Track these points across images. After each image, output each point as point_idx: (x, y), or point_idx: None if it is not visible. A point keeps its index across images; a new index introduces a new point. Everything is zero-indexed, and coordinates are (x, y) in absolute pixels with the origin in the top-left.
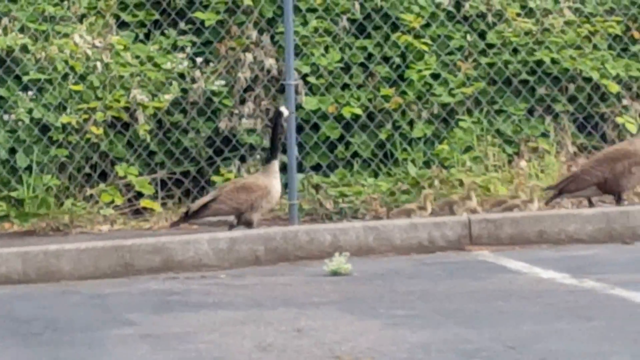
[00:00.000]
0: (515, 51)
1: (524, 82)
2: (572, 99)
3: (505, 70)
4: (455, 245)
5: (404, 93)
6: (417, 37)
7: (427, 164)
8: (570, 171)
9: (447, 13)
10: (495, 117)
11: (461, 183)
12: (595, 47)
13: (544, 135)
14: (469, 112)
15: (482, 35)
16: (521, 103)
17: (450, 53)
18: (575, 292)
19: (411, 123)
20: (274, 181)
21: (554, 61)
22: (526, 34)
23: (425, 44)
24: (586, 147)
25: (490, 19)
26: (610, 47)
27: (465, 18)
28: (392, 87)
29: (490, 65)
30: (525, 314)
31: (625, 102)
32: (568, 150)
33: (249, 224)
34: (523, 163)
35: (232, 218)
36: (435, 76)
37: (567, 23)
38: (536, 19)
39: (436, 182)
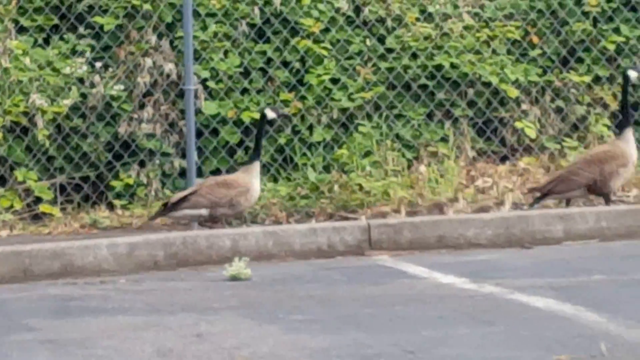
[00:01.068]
0: (414, 56)
1: (423, 86)
2: (471, 104)
3: (404, 75)
4: (355, 250)
5: (303, 98)
6: (316, 41)
7: (326, 169)
8: (555, 173)
9: (347, 18)
10: (395, 122)
11: (361, 188)
12: (494, 51)
13: (443, 139)
14: (369, 117)
15: (381, 39)
16: (420, 108)
17: (350, 58)
18: (474, 297)
19: (310, 128)
20: (254, 180)
21: (453, 66)
22: (425, 38)
23: (325, 48)
24: (485, 151)
25: (389, 23)
26: (509, 51)
27: (365, 23)
28: (292, 92)
29: (390, 69)
30: (425, 319)
31: (524, 106)
32: (467, 154)
33: (216, 220)
34: (422, 168)
35: (205, 212)
36: (335, 81)
37: (466, 28)
38: (435, 23)
39: (336, 187)
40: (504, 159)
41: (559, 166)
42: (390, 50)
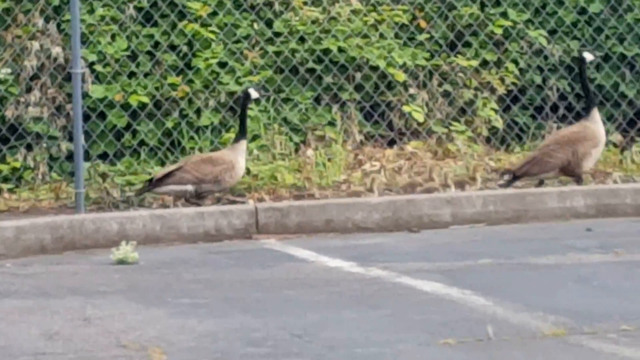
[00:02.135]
0: (302, 40)
1: (311, 70)
2: (358, 88)
3: (292, 59)
4: (243, 233)
5: (191, 81)
6: (204, 25)
7: None
8: (528, 155)
9: (234, 1)
10: (282, 106)
11: (248, 171)
12: (381, 35)
13: (331, 123)
14: (256, 101)
15: (269, 23)
16: (308, 91)
17: (237, 41)
18: (362, 280)
19: (198, 111)
20: (239, 158)
21: (340, 50)
22: (313, 22)
23: (212, 32)
24: (373, 135)
25: (277, 7)
26: (396, 35)
27: (252, 6)
28: (179, 76)
29: (277, 53)
30: (312, 303)
31: (411, 90)
32: (355, 139)
33: (201, 197)
34: (310, 152)
35: (190, 187)
36: (222, 64)
37: (354, 12)
38: (323, 7)
39: None
40: (391, 143)
41: (446, 150)
42: (277, 34)
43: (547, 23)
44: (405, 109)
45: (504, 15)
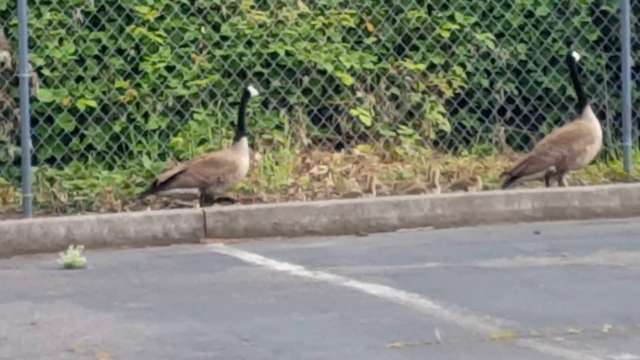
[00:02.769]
0: (249, 43)
1: (259, 74)
2: (306, 91)
3: (239, 63)
4: (191, 238)
5: (138, 85)
6: (151, 29)
7: (162, 157)
8: (524, 155)
9: (182, 5)
10: (230, 110)
11: None
12: (329, 39)
13: (279, 127)
14: (204, 105)
15: (216, 27)
16: (256, 96)
17: (185, 45)
18: (309, 284)
19: (146, 115)
20: (242, 157)
21: (288, 53)
22: (260, 26)
23: (160, 36)
24: (320, 139)
25: (224, 11)
26: (344, 39)
27: (200, 10)
28: (127, 80)
29: (225, 57)
30: (259, 307)
31: (359, 94)
32: (303, 142)
33: (209, 199)
34: (258, 155)
35: (196, 191)
36: (170, 68)
37: (301, 15)
38: (270, 11)
39: None
40: (339, 147)
41: (394, 153)
42: (225, 38)
43: (494, 26)
44: (353, 112)
45: (451, 18)
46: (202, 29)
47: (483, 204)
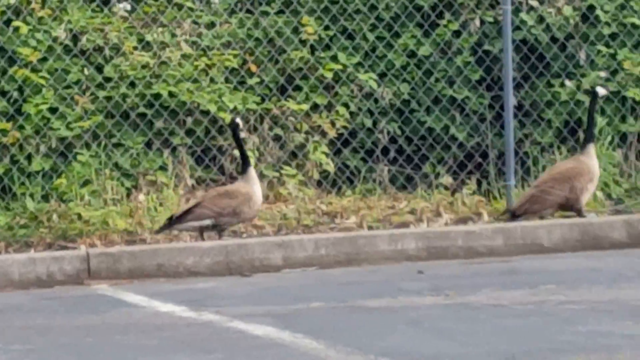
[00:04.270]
0: (132, 84)
1: (142, 115)
2: (190, 132)
3: (122, 104)
4: (75, 279)
5: (21, 127)
6: (34, 70)
7: (45, 198)
8: (526, 193)
9: (64, 47)
10: (114, 151)
11: (80, 217)
12: (212, 80)
13: (162, 168)
14: (87, 146)
15: (99, 68)
16: (139, 136)
17: (68, 87)
18: (194, 325)
19: (29, 157)
20: (254, 187)
21: (171, 94)
22: (143, 67)
23: (43, 77)
24: (204, 179)
25: (107, 52)
26: (227, 80)
27: (82, 52)
28: (10, 122)
29: (108, 98)
30: (144, 348)
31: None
32: (186, 183)
33: (221, 230)
34: (142, 196)
35: (211, 222)
36: (53, 110)
37: (184, 56)
38: (153, 52)
39: (55, 216)
40: None
41: (277, 194)
42: (108, 79)
43: (377, 66)
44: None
45: (334, 58)
46: (85, 70)
47: (367, 243)
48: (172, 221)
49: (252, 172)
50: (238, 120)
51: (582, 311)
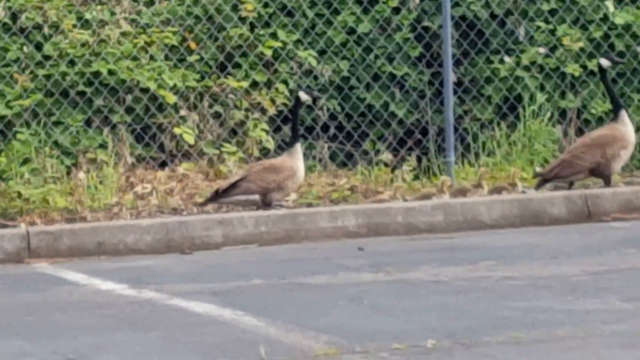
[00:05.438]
0: (72, 62)
1: (81, 93)
2: (129, 110)
3: (62, 82)
4: (15, 258)
5: None
6: None
7: None
8: (558, 158)
9: (3, 25)
10: (53, 129)
11: (20, 195)
12: (152, 57)
13: (102, 146)
14: (27, 124)
15: (38, 47)
16: (79, 114)
17: (7, 65)
18: (134, 303)
19: None
20: (298, 162)
21: (110, 72)
22: (82, 45)
23: None
24: (144, 157)
25: (46, 30)
26: (167, 57)
27: (22, 30)
28: None
29: (47, 77)
30: (84, 326)
31: (182, 112)
32: (126, 161)
33: (268, 204)
34: (82, 174)
35: (257, 197)
36: None
37: (124, 34)
38: (92, 30)
39: None
40: (163, 165)
41: (218, 171)
42: (47, 57)
43: (316, 43)
44: (176, 130)
45: (274, 36)
46: (25, 48)
47: (307, 220)
48: (218, 194)
49: (298, 147)
50: (301, 94)
51: (522, 287)
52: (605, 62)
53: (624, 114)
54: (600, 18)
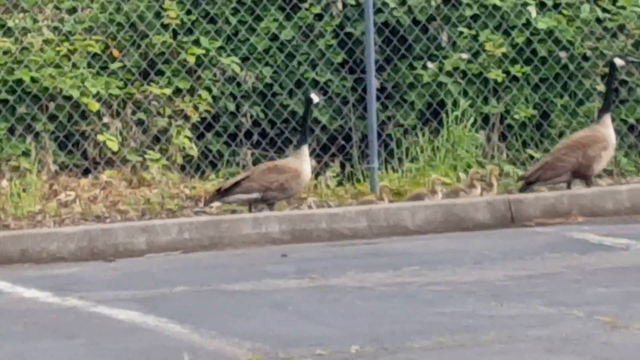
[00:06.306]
0: None
1: (4, 101)
2: (52, 118)
3: None
4: None
5: None
6: None
7: None
8: (540, 161)
9: None
10: None
11: None
12: (74, 65)
13: (25, 154)
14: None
15: None
16: (1, 122)
17: None
18: (58, 310)
19: None
20: (304, 164)
21: (33, 80)
22: (5, 53)
23: None
24: (67, 165)
25: None
26: (89, 65)
27: None
28: None
29: None
30: (9, 334)
31: (105, 119)
32: (50, 168)
33: (271, 205)
34: (4, 182)
35: (258, 196)
36: None
37: (46, 42)
38: (15, 37)
39: None
40: (86, 172)
41: (141, 178)
42: None
43: (239, 50)
44: (100, 138)
45: (197, 43)
46: None
47: (231, 227)
48: (220, 193)
49: (305, 149)
50: (313, 95)
51: (446, 292)
52: (619, 62)
53: (607, 117)
54: (522, 23)
